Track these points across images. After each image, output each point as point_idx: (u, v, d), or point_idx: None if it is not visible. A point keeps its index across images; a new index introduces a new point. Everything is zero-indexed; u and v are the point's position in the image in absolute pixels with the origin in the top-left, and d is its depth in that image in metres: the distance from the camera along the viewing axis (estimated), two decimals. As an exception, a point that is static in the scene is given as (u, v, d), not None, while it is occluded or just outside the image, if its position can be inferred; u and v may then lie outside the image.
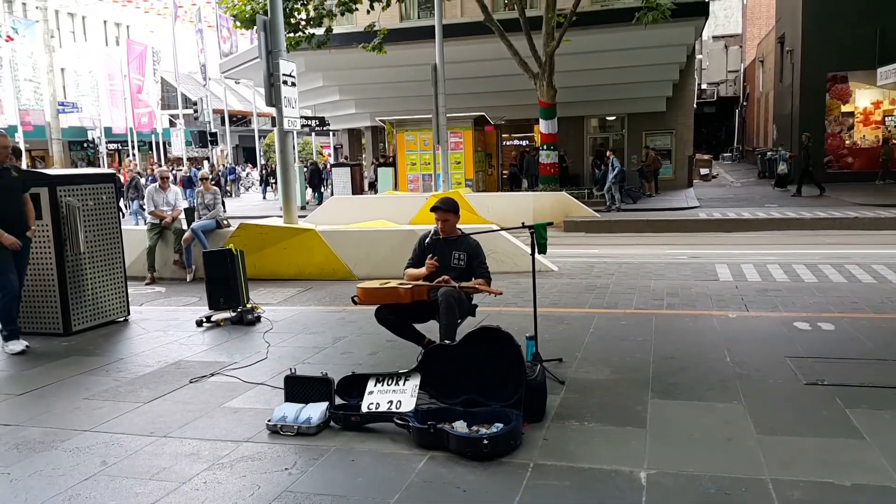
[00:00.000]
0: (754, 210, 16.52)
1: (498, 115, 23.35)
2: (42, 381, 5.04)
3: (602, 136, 26.22)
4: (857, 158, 23.59)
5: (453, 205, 5.06)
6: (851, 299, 6.96)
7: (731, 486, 3.03)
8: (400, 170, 21.55)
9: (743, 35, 50.81)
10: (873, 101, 23.87)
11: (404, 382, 3.96)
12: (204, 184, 10.46)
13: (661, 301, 7.14)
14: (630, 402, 4.10)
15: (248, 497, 3.12)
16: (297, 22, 14.52)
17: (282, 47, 9.59)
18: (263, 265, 9.41)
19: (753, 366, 4.70)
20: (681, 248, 11.76)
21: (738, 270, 8.82)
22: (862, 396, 4.05)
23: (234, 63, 27.87)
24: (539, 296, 5.12)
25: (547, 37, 16.75)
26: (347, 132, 32.07)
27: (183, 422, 4.08)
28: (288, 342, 5.90)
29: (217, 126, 38.09)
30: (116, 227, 7.04)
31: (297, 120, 10.30)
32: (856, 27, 22.52)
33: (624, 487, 3.07)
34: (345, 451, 3.59)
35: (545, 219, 7.61)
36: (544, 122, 17.86)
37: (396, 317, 4.88)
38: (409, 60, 20.50)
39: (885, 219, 13.99)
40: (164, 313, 7.50)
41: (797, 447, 3.42)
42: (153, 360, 5.50)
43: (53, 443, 3.84)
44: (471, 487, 3.13)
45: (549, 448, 3.52)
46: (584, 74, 21.61)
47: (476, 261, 4.97)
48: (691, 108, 25.78)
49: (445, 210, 4.98)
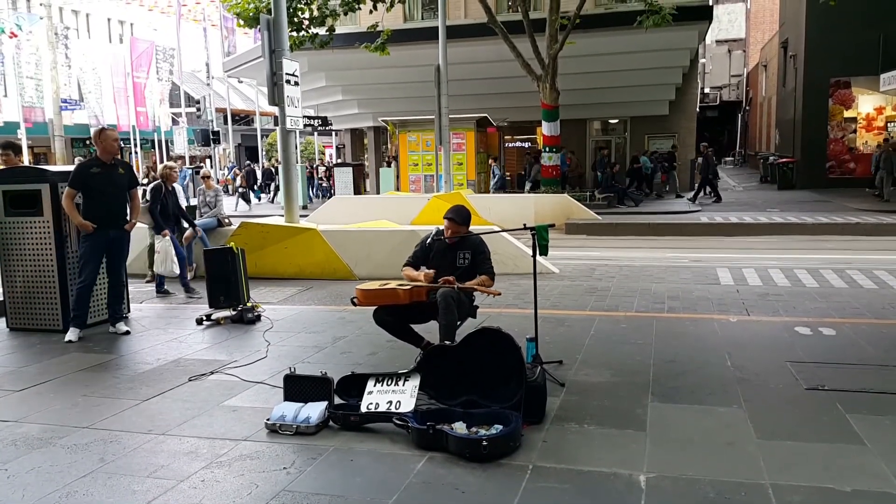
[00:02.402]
0: (756, 214, 16.50)
1: (500, 116, 23.35)
2: (41, 377, 5.03)
3: (604, 139, 26.24)
4: (860, 164, 23.56)
5: (466, 218, 5.01)
6: (853, 305, 6.94)
7: (730, 491, 3.02)
8: (402, 170, 21.55)
9: (746, 39, 50.85)
10: (876, 107, 23.85)
11: (404, 383, 3.95)
12: (206, 182, 10.46)
13: (661, 304, 7.13)
14: (630, 406, 4.09)
15: (246, 496, 3.11)
16: (300, 21, 14.54)
17: (285, 46, 9.60)
18: (264, 264, 9.41)
19: (754, 370, 4.69)
20: (682, 251, 11.75)
21: (739, 274, 8.80)
22: (863, 402, 4.04)
23: (237, 62, 27.88)
24: (540, 298, 5.11)
25: (550, 39, 16.75)
26: (350, 132, 32.08)
27: (181, 420, 4.07)
28: (288, 341, 5.89)
29: (220, 125, 38.09)
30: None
31: (300, 119, 10.30)
32: (859, 33, 22.51)
33: (623, 490, 3.06)
34: (343, 450, 3.58)
35: (546, 221, 7.59)
36: (547, 125, 17.87)
37: (394, 318, 4.86)
38: (413, 61, 20.52)
39: (886, 224, 13.97)
40: (164, 311, 7.50)
41: (797, 452, 3.41)
42: (152, 357, 5.50)
43: (52, 439, 3.83)
44: (469, 489, 3.12)
45: (549, 450, 3.50)
46: (587, 77, 21.61)
47: (480, 257, 4.96)
48: (694, 111, 25.79)
49: (458, 223, 4.94)
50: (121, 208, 6.34)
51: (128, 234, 6.46)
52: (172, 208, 8.57)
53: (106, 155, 6.23)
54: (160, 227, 8.35)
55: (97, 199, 6.16)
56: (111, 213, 6.23)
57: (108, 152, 6.25)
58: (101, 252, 6.27)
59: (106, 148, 6.24)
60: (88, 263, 6.20)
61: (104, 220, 6.17)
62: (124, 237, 6.43)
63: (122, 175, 6.34)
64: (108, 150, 6.25)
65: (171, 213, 8.54)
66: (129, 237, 6.56)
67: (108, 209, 6.20)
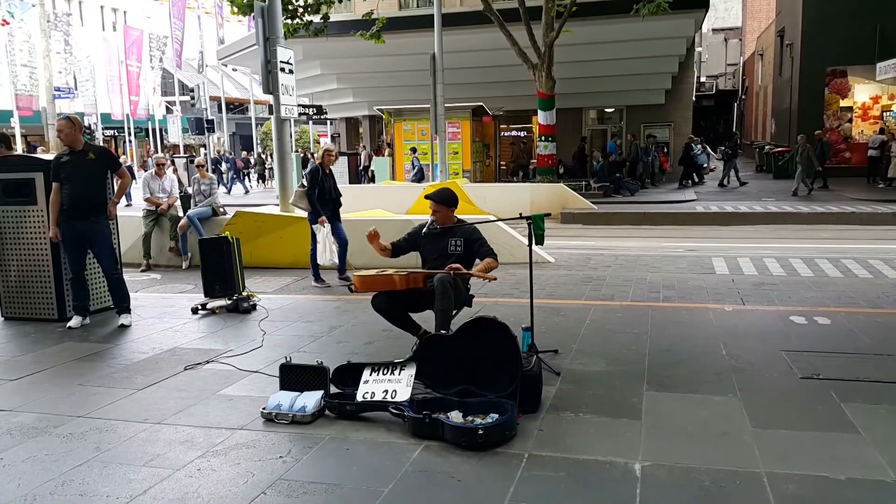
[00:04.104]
0: (751, 204, 16.53)
1: (496, 105, 23.29)
2: (36, 366, 5.02)
3: (600, 128, 26.21)
4: (855, 153, 23.58)
5: (447, 198, 5.02)
6: (848, 294, 6.97)
7: (725, 479, 3.03)
8: (397, 159, 21.49)
9: (743, 28, 50.73)
10: (872, 96, 23.86)
11: (400, 372, 3.95)
12: (200, 171, 10.43)
13: (657, 294, 7.14)
14: (625, 395, 4.10)
15: (241, 484, 3.11)
16: (294, 9, 14.41)
17: (279, 34, 9.53)
18: (259, 253, 9.38)
19: (749, 359, 4.70)
20: (677, 240, 11.76)
21: (734, 264, 8.82)
22: (857, 391, 4.06)
23: (231, 50, 27.72)
24: (535, 287, 5.11)
25: (546, 27, 16.68)
26: (345, 121, 31.96)
27: (177, 409, 4.07)
28: (283, 330, 5.89)
29: (214, 113, 37.93)
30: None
31: (295, 108, 10.24)
32: (856, 22, 22.49)
33: (619, 479, 3.07)
34: (339, 439, 3.58)
35: (542, 210, 7.56)
36: (543, 114, 17.82)
37: (391, 305, 4.86)
38: (408, 49, 20.41)
39: (881, 214, 14.01)
40: (159, 300, 7.48)
41: (792, 441, 3.42)
42: (148, 346, 5.49)
43: (47, 428, 3.82)
44: (465, 477, 3.13)
45: (544, 439, 3.51)
46: (584, 66, 21.55)
47: (476, 243, 4.94)
48: (690, 100, 25.75)
49: (438, 202, 4.97)
50: (90, 196, 6.05)
51: (99, 224, 6.13)
52: (330, 192, 7.98)
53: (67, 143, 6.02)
54: (317, 214, 7.82)
55: (63, 188, 5.99)
56: (75, 202, 5.97)
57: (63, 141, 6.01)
58: (73, 243, 6.10)
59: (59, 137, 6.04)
60: (66, 256, 6.19)
61: (69, 212, 5.99)
62: (94, 229, 6.10)
63: (93, 160, 6.05)
64: (62, 140, 6.01)
65: (328, 199, 7.95)
66: (106, 226, 6.25)
67: (71, 199, 5.96)
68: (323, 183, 7.89)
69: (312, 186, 7.83)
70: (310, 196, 7.83)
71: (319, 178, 7.88)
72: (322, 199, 7.88)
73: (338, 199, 8.13)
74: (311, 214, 7.94)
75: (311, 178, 7.89)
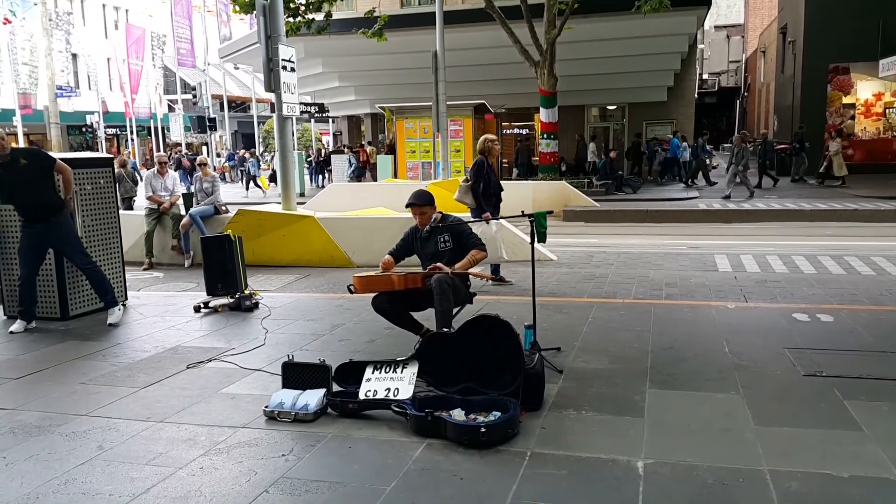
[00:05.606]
0: (754, 201, 16.49)
1: (498, 103, 23.25)
2: (39, 365, 5.03)
3: (602, 126, 26.17)
4: (858, 150, 23.53)
5: (424, 198, 5.00)
6: (850, 291, 6.95)
7: (728, 477, 3.03)
8: (399, 157, 21.47)
9: (745, 25, 50.68)
10: (875, 93, 23.80)
11: (402, 370, 3.95)
12: (202, 169, 10.42)
13: (659, 291, 7.13)
14: (628, 392, 4.09)
15: (244, 483, 3.11)
16: (296, 7, 14.39)
17: (281, 32, 9.52)
18: (262, 252, 9.39)
19: (752, 357, 4.70)
20: (680, 238, 11.74)
21: (737, 261, 8.80)
22: (860, 388, 4.05)
23: (233, 48, 27.72)
24: (538, 285, 5.11)
25: (548, 24, 16.64)
26: (347, 119, 31.97)
27: (180, 407, 4.07)
28: (286, 329, 5.89)
29: (216, 111, 37.94)
30: (114, 212, 7.01)
31: (297, 106, 10.24)
32: (858, 19, 22.42)
33: (621, 476, 3.06)
34: (342, 437, 3.58)
35: (544, 208, 7.53)
36: (545, 111, 17.78)
37: (392, 305, 4.85)
38: (410, 47, 20.38)
39: (884, 211, 13.97)
40: (161, 299, 7.49)
41: (795, 438, 3.41)
42: (150, 345, 5.49)
43: (49, 427, 3.83)
44: (468, 475, 3.12)
45: (547, 437, 3.51)
46: (586, 63, 21.51)
47: (462, 236, 4.94)
48: (692, 97, 25.72)
49: (420, 205, 4.96)
50: (40, 200, 5.96)
51: (59, 224, 6.05)
52: (494, 187, 7.40)
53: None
54: (481, 210, 7.24)
55: (9, 196, 6.01)
56: (27, 209, 5.97)
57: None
58: (33, 247, 6.04)
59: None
60: (20, 260, 6.10)
61: (25, 219, 6.01)
62: (56, 231, 6.05)
63: (26, 166, 5.90)
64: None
65: (492, 193, 7.38)
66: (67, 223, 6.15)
67: (23, 206, 5.97)
68: (488, 176, 7.29)
69: (478, 180, 7.23)
70: (475, 191, 7.25)
71: (485, 171, 7.28)
72: (486, 195, 7.30)
73: (499, 195, 7.52)
74: (475, 210, 7.35)
75: (477, 171, 7.27)
